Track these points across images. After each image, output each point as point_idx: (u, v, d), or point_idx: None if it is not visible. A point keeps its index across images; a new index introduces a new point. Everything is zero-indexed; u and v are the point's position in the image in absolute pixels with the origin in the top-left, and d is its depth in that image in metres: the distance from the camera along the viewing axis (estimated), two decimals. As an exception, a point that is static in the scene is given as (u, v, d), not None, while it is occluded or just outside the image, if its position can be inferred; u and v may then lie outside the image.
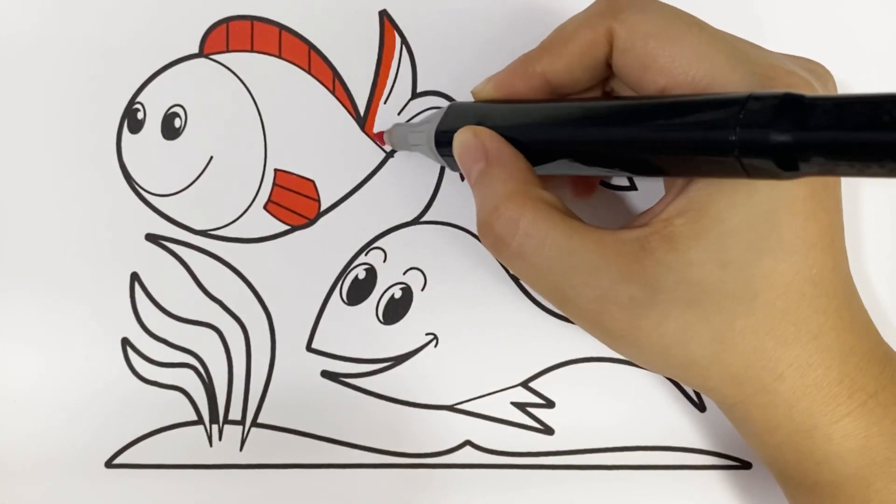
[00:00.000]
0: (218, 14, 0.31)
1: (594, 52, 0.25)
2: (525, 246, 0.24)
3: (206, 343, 0.31)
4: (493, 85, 0.27)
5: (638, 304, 0.23)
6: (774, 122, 0.18)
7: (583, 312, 0.24)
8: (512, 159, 0.25)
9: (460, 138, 0.26)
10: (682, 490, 0.31)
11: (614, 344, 0.25)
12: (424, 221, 0.31)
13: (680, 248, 0.22)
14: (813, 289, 0.23)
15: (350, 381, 0.31)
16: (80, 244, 0.32)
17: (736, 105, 0.19)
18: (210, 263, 0.31)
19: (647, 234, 0.23)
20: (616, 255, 0.23)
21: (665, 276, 0.22)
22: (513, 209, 0.24)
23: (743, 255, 0.22)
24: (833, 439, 0.24)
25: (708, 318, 0.23)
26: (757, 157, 0.18)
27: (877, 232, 0.31)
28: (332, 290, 0.31)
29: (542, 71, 0.25)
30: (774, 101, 0.18)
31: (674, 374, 0.26)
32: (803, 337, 0.23)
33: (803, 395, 0.23)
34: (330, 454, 0.31)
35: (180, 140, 0.31)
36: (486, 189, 0.25)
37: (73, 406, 0.31)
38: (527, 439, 0.31)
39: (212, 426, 0.31)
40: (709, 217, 0.22)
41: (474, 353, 0.31)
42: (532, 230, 0.23)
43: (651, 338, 0.23)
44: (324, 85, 0.31)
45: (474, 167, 0.25)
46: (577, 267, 0.23)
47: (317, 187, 0.31)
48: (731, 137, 0.19)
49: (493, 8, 0.31)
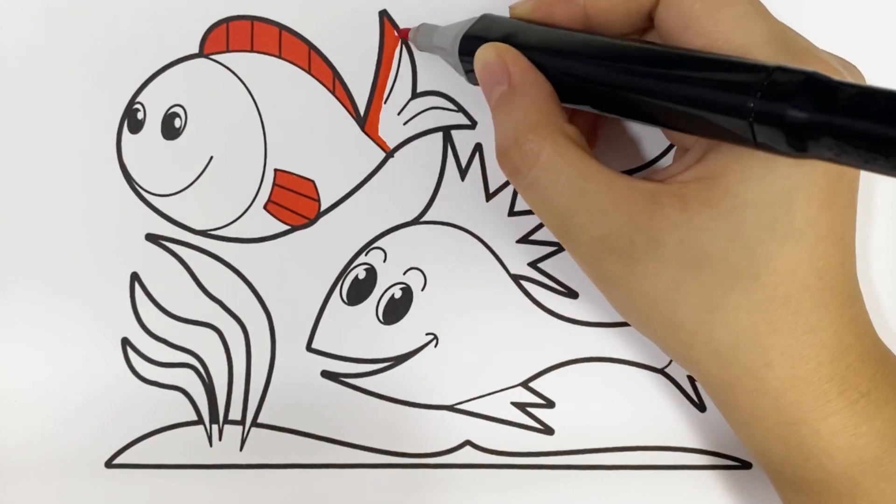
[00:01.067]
0: (218, 14, 0.31)
1: (641, 0, 0.24)
2: (540, 179, 0.24)
3: (206, 343, 0.31)
4: (532, 4, 0.26)
5: (636, 249, 0.23)
6: (795, 97, 0.18)
7: (582, 249, 0.24)
8: (536, 86, 0.24)
9: (483, 55, 0.25)
10: (682, 490, 0.31)
11: (606, 288, 0.25)
12: (424, 221, 0.31)
13: (690, 210, 0.22)
14: (817, 281, 0.23)
15: (350, 381, 0.31)
16: (80, 244, 0.32)
17: (762, 73, 0.19)
18: (210, 263, 0.31)
19: (660, 189, 0.23)
20: (625, 202, 0.23)
21: (669, 232, 0.22)
22: (533, 141, 0.24)
23: (751, 233, 0.22)
24: (821, 435, 0.24)
25: (703, 284, 0.22)
26: (770, 128, 0.18)
27: (884, 234, 0.31)
28: (332, 290, 0.31)
29: (585, 3, 0.25)
30: (800, 76, 0.18)
31: (658, 335, 0.25)
32: (799, 328, 0.23)
33: (791, 387, 0.23)
34: (330, 454, 0.31)
35: (180, 140, 0.31)
36: (507, 115, 0.24)
37: (73, 406, 0.31)
38: (527, 439, 0.31)
39: (212, 426, 0.31)
40: (723, 187, 0.22)
41: (474, 353, 0.31)
42: (549, 165, 0.23)
43: (642, 286, 0.23)
44: (324, 85, 0.31)
45: (496, 88, 0.25)
46: (586, 207, 0.23)
47: (317, 187, 0.31)
48: (749, 104, 0.19)
49: (493, 8, 0.31)
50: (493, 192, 0.31)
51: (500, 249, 0.31)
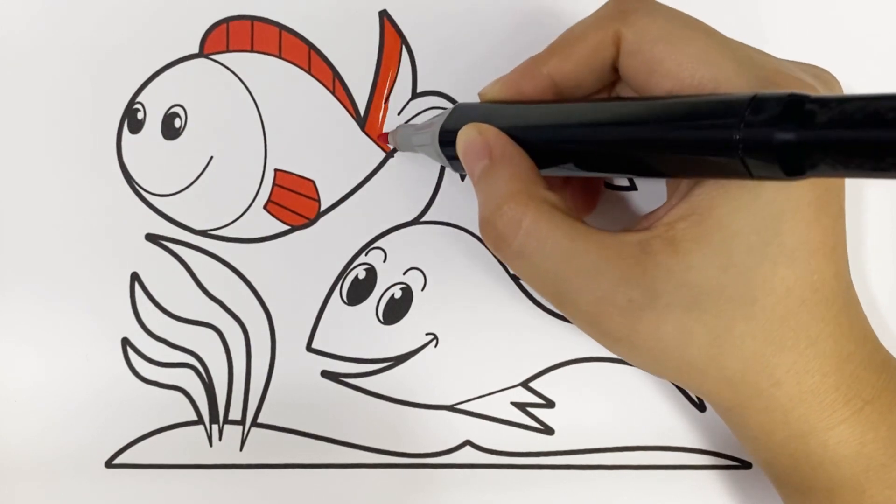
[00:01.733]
0: (218, 14, 0.31)
1: (601, 55, 0.25)
2: (526, 246, 0.24)
3: (206, 343, 0.31)
4: (499, 86, 0.27)
5: (636, 306, 0.23)
6: (779, 121, 0.18)
7: (581, 314, 0.24)
8: (516, 158, 0.25)
9: (464, 135, 0.26)
10: (682, 490, 0.31)
11: (612, 346, 0.25)
12: (424, 221, 0.31)
13: (681, 251, 0.22)
14: (813, 295, 0.23)
15: (350, 381, 0.31)
16: (80, 244, 0.32)
17: (740, 105, 0.19)
18: (210, 263, 0.31)
19: (648, 237, 0.23)
20: (617, 258, 0.23)
21: (665, 279, 0.22)
22: (516, 208, 0.24)
23: (744, 260, 0.22)
24: (828, 445, 0.24)
25: (706, 321, 0.23)
26: (760, 156, 0.18)
27: (878, 238, 0.31)
28: (332, 290, 0.31)
29: (549, 73, 0.25)
30: (779, 100, 0.18)
31: (671, 376, 0.26)
32: (801, 343, 0.23)
33: (800, 401, 0.23)
34: (330, 454, 0.31)
35: (180, 140, 0.31)
36: (489, 187, 0.25)
37: (73, 406, 0.31)
38: (527, 439, 0.31)
39: (212, 426, 0.31)
40: (711, 221, 0.22)
41: (474, 353, 0.31)
42: (534, 230, 0.23)
43: (648, 341, 0.23)
44: (324, 85, 0.31)
45: (478, 164, 0.25)
46: (578, 269, 0.23)
47: (317, 187, 0.31)
48: (735, 136, 0.19)
49: (494, 8, 0.31)
50: (493, 192, 0.31)
51: (500, 249, 0.31)
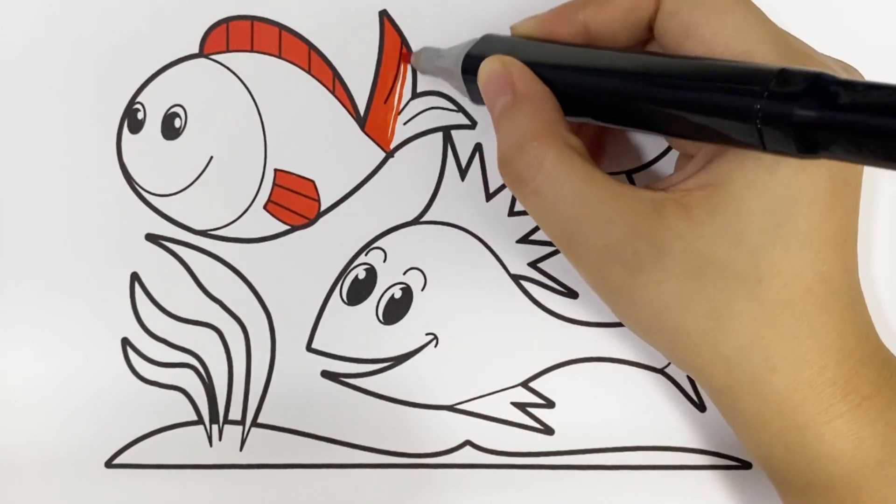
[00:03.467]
0: (218, 14, 0.31)
1: (640, 11, 0.24)
2: (543, 187, 0.23)
3: (206, 343, 0.31)
4: (533, 22, 0.26)
5: (641, 260, 0.23)
6: (801, 97, 0.18)
7: (586, 260, 0.24)
8: (540, 95, 0.24)
9: (488, 66, 0.25)
10: (682, 490, 0.31)
11: (610, 298, 0.25)
12: (424, 221, 0.31)
13: (693, 218, 0.22)
14: (820, 285, 0.23)
15: (350, 381, 0.31)
16: (80, 244, 0.32)
17: (767, 75, 0.19)
18: (210, 263, 0.31)
19: (663, 198, 0.23)
20: (629, 211, 0.23)
21: (674, 241, 0.22)
22: (537, 148, 0.23)
23: (755, 239, 0.22)
24: (824, 439, 0.24)
25: (708, 291, 0.22)
26: (777, 129, 0.18)
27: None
28: (332, 290, 0.31)
29: (585, 19, 0.25)
30: (806, 76, 0.18)
31: (664, 343, 0.25)
32: (803, 332, 0.23)
33: (795, 391, 0.23)
34: (330, 454, 0.31)
35: (180, 140, 0.31)
36: (510, 124, 0.24)
37: (73, 406, 0.31)
38: (527, 439, 0.31)
39: (212, 426, 0.31)
40: (727, 194, 0.22)
41: (474, 353, 0.31)
42: (553, 172, 0.23)
43: (646, 295, 0.23)
44: (324, 85, 0.31)
45: (500, 99, 0.25)
46: (590, 216, 0.23)
47: (317, 187, 0.31)
48: (756, 106, 0.19)
49: (494, 8, 0.31)
50: (493, 192, 0.31)
51: (500, 249, 0.31)
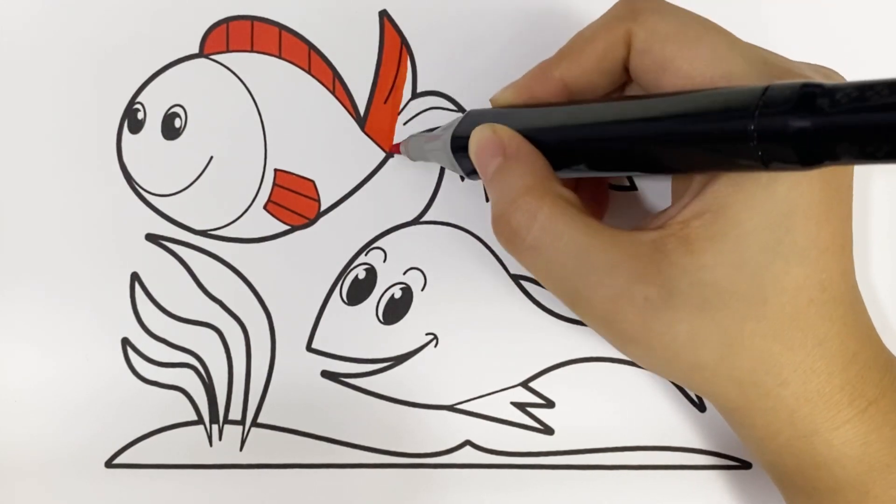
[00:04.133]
0: (218, 14, 0.31)
1: (612, 56, 0.25)
2: (541, 240, 0.23)
3: (206, 343, 0.31)
4: (511, 91, 0.27)
5: (652, 305, 0.22)
6: (793, 109, 0.18)
7: (596, 312, 0.24)
8: (531, 155, 0.25)
9: (478, 135, 0.25)
10: (682, 490, 0.31)
11: (624, 346, 0.24)
12: (424, 221, 0.31)
13: (696, 250, 0.22)
14: (821, 294, 0.23)
15: (350, 381, 0.31)
16: (80, 244, 0.32)
17: (754, 95, 0.19)
18: (210, 263, 0.31)
19: (663, 236, 0.23)
20: (632, 256, 0.23)
21: (680, 278, 0.22)
22: (531, 202, 0.23)
23: (756, 258, 0.22)
24: (833, 445, 0.24)
25: (719, 322, 0.22)
26: (776, 146, 0.18)
27: (884, 238, 0.31)
28: (332, 290, 0.31)
29: (561, 76, 0.25)
30: (792, 89, 0.18)
31: (680, 378, 0.25)
32: (809, 342, 0.23)
33: (805, 401, 0.23)
34: (330, 454, 0.31)
35: (180, 140, 0.31)
36: (503, 184, 0.24)
37: (73, 406, 0.31)
38: (527, 439, 0.31)
39: (212, 426, 0.31)
40: (726, 219, 0.22)
41: (474, 353, 0.31)
42: (549, 224, 0.23)
43: (662, 341, 0.23)
44: (324, 85, 0.31)
45: (492, 163, 0.25)
46: (593, 265, 0.23)
47: (317, 187, 0.31)
48: (749, 127, 0.19)
49: (493, 8, 0.31)
50: (493, 192, 0.31)
51: (500, 249, 0.31)
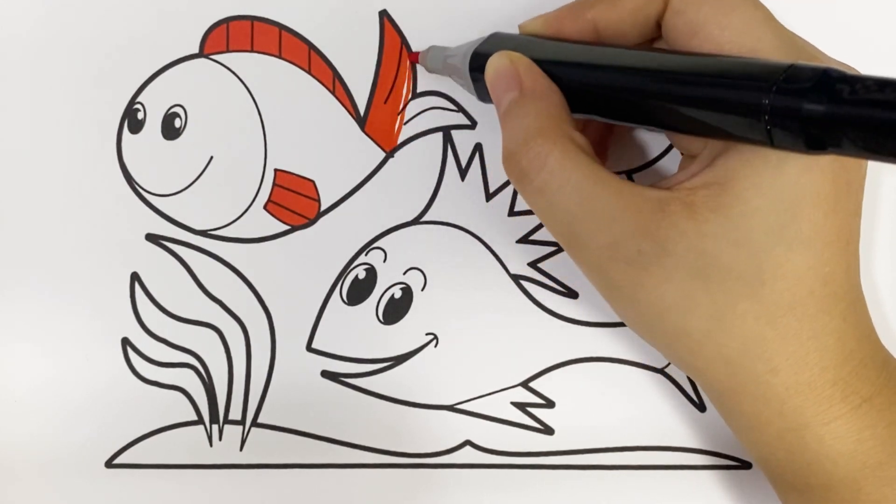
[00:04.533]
0: (218, 14, 0.31)
1: (648, 10, 0.24)
2: (548, 184, 0.23)
3: (206, 343, 0.31)
4: (541, 21, 0.26)
5: (645, 259, 0.23)
6: (810, 92, 0.18)
7: (590, 258, 0.24)
8: (547, 92, 0.24)
9: (495, 62, 0.25)
10: (682, 490, 0.31)
11: (613, 296, 0.25)
12: (424, 221, 0.31)
13: (698, 217, 0.22)
14: (822, 287, 0.23)
15: (350, 381, 0.31)
16: (80, 244, 0.32)
17: (776, 71, 0.19)
18: (210, 263, 0.31)
19: (668, 197, 0.23)
20: (634, 209, 0.23)
21: (677, 240, 0.22)
22: (542, 145, 0.23)
23: (759, 239, 0.22)
24: (824, 441, 0.24)
25: (711, 291, 0.22)
26: (785, 125, 0.18)
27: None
28: (332, 290, 0.31)
29: (594, 17, 0.25)
30: (815, 72, 0.18)
31: (665, 343, 0.25)
32: (804, 333, 0.23)
33: (796, 392, 0.23)
34: (330, 454, 0.31)
35: (180, 140, 0.31)
36: (516, 120, 0.24)
37: (73, 406, 0.31)
38: (527, 439, 0.31)
39: (212, 426, 0.31)
40: (732, 193, 0.22)
41: (474, 353, 0.31)
42: (558, 169, 0.23)
43: (650, 296, 0.23)
44: (324, 85, 0.31)
45: (506, 95, 0.25)
46: (594, 213, 0.23)
47: (317, 187, 0.31)
48: (764, 101, 0.19)
49: (494, 8, 0.31)
50: (493, 192, 0.31)
51: (500, 249, 0.31)
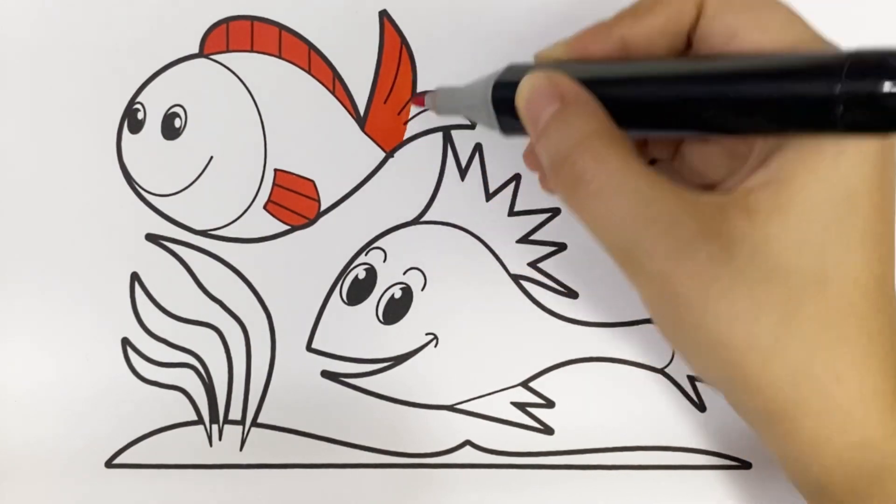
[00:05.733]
0: (218, 14, 0.31)
1: (682, 18, 0.23)
2: (607, 187, 0.22)
3: (206, 343, 0.31)
4: (563, 47, 0.25)
5: (715, 262, 0.21)
6: (883, 73, 0.17)
7: (654, 267, 0.22)
8: (591, 102, 0.23)
9: (531, 81, 0.23)
10: (682, 490, 0.31)
11: (677, 314, 0.22)
12: (424, 221, 0.31)
13: (759, 220, 0.21)
14: (876, 287, 0.22)
15: (350, 381, 0.31)
16: (80, 244, 0.32)
17: (840, 58, 0.18)
18: (210, 263, 0.31)
19: (725, 201, 0.22)
20: (696, 214, 0.21)
21: (741, 243, 0.21)
22: (600, 145, 0.22)
23: (820, 236, 0.21)
24: (888, 454, 0.22)
25: (778, 295, 0.21)
26: (863, 108, 0.18)
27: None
28: (332, 290, 0.31)
29: (622, 35, 0.24)
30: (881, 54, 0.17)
31: (730, 361, 0.22)
32: (864, 336, 0.22)
33: (860, 402, 0.22)
34: (330, 454, 0.31)
35: (180, 140, 0.31)
36: (564, 128, 0.22)
37: (73, 406, 0.31)
38: (527, 439, 0.31)
39: (212, 426, 0.31)
40: (791, 190, 0.21)
41: (474, 353, 0.31)
42: (617, 171, 0.22)
43: (719, 305, 0.21)
44: (324, 85, 0.31)
45: (546, 110, 0.23)
46: (657, 217, 0.21)
47: (317, 187, 0.31)
48: (836, 89, 0.18)
49: (494, 8, 0.31)
50: (493, 192, 0.31)
51: (500, 249, 0.31)
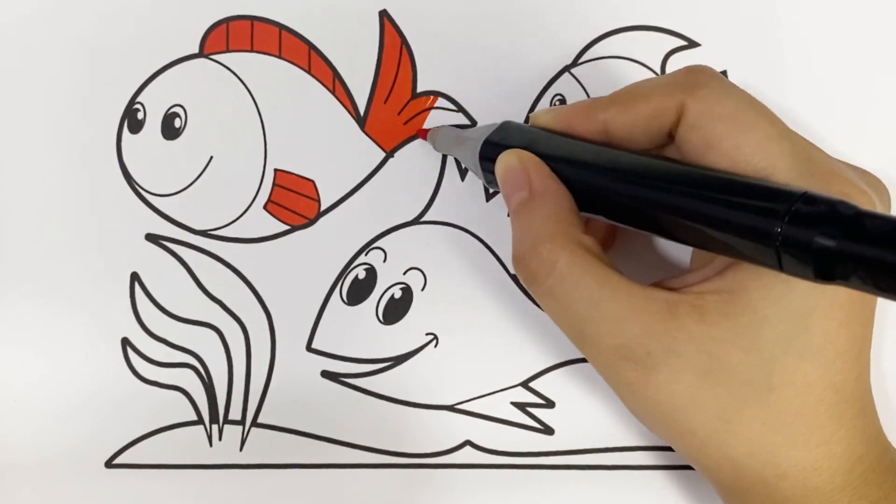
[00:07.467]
0: (218, 14, 0.31)
1: (661, 119, 0.24)
2: (557, 288, 0.24)
3: (206, 343, 0.31)
4: (552, 116, 0.27)
5: (653, 361, 0.23)
6: (822, 225, 0.18)
7: (600, 357, 0.24)
8: (556, 195, 0.25)
9: (504, 161, 0.26)
10: (683, 490, 0.31)
11: (623, 392, 0.25)
12: (424, 221, 0.31)
13: (707, 321, 0.23)
14: (833, 395, 0.23)
15: (350, 381, 0.31)
16: (80, 244, 0.32)
17: (789, 198, 0.19)
18: (210, 263, 0.31)
19: (677, 299, 0.23)
20: (642, 311, 0.23)
21: (686, 342, 0.23)
22: (550, 250, 0.24)
23: (769, 347, 0.22)
24: None
25: (718, 393, 0.23)
26: (796, 254, 0.18)
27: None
28: (332, 290, 0.31)
29: (605, 119, 0.25)
30: (828, 204, 0.18)
31: (673, 439, 0.25)
32: (813, 441, 0.23)
33: (805, 498, 0.23)
34: (330, 454, 0.31)
35: (180, 140, 0.31)
36: (525, 222, 0.25)
37: (72, 406, 0.31)
38: (527, 439, 0.31)
39: (212, 426, 0.31)
40: (742, 303, 0.22)
41: (474, 353, 0.31)
42: (567, 274, 0.24)
43: (659, 395, 0.23)
44: (324, 85, 0.31)
45: (516, 195, 0.25)
46: (603, 315, 0.23)
47: (317, 187, 0.31)
48: (776, 229, 0.19)
49: (493, 8, 0.31)
50: (493, 192, 0.31)
51: (500, 249, 0.31)
